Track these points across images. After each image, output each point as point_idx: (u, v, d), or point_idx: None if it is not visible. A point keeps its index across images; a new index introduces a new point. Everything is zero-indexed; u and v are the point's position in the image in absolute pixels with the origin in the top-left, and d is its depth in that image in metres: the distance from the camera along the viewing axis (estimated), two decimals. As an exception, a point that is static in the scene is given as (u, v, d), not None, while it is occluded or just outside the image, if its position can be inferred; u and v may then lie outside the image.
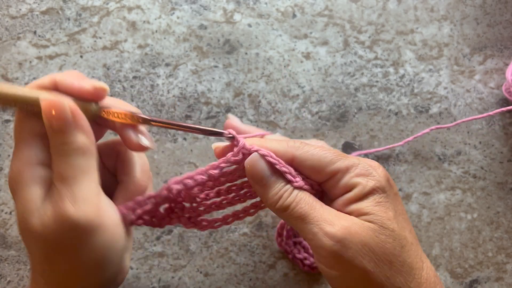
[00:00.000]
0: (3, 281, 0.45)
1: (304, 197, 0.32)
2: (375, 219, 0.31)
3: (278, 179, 0.32)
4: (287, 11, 0.50)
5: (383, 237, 0.31)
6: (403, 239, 0.32)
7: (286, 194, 0.32)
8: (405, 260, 0.31)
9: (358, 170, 0.32)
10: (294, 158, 0.33)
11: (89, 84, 0.31)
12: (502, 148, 0.48)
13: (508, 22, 0.50)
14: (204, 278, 0.45)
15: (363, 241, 0.30)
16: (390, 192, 0.33)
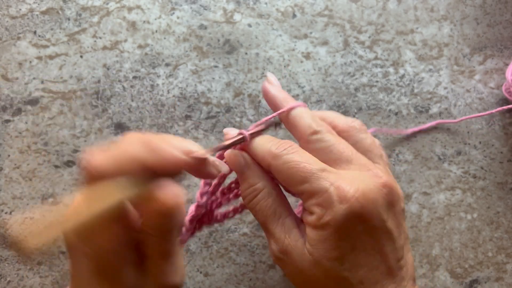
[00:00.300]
0: (3, 281, 0.45)
1: (263, 207, 0.32)
2: (316, 254, 0.30)
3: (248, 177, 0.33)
4: (287, 11, 0.50)
5: (317, 273, 0.30)
6: (344, 280, 0.30)
7: (249, 197, 0.33)
8: None
9: (320, 200, 0.30)
10: (269, 167, 0.32)
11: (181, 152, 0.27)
12: (502, 148, 0.48)
13: (508, 22, 0.50)
14: (204, 278, 0.45)
15: (299, 269, 0.31)
16: (351, 230, 0.30)
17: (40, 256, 0.45)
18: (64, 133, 0.46)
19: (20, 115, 0.47)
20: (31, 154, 0.46)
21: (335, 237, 0.30)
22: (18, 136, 0.47)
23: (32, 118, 0.47)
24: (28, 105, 0.47)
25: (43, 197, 0.46)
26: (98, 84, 0.47)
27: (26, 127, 0.47)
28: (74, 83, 0.47)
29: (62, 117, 0.47)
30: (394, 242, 0.31)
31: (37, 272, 0.45)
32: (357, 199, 0.29)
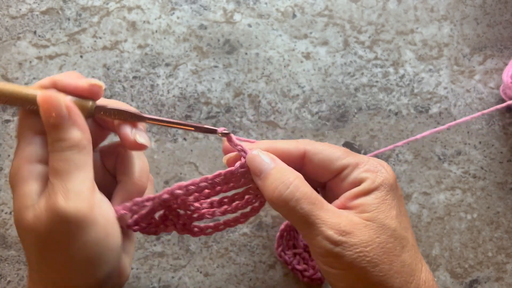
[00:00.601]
0: (3, 281, 0.45)
1: (304, 194, 0.31)
2: (378, 217, 0.31)
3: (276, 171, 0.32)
4: (287, 11, 0.50)
5: (384, 237, 0.31)
6: (404, 239, 0.32)
7: (282, 187, 0.31)
8: (405, 260, 0.31)
9: (367, 166, 0.33)
10: (305, 152, 0.34)
11: (85, 82, 0.32)
12: (502, 148, 0.48)
13: (508, 22, 0.50)
14: (204, 278, 0.45)
15: (364, 242, 0.30)
16: (396, 192, 0.33)
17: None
18: (64, 133, 0.46)
19: (20, 115, 0.47)
20: (31, 154, 0.46)
21: (391, 196, 0.32)
22: (18, 136, 0.47)
23: (32, 118, 0.47)
24: (28, 105, 0.47)
25: (43, 197, 0.46)
26: (98, 84, 0.47)
27: None
28: (74, 83, 0.47)
29: (62, 117, 0.47)
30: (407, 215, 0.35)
31: (37, 272, 0.45)
32: (388, 167, 0.34)
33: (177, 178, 0.46)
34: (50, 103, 0.30)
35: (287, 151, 0.34)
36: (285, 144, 0.34)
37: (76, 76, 0.33)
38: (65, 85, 0.32)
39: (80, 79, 0.33)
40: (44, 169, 0.31)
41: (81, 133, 0.31)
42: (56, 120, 0.30)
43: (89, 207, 0.30)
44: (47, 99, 0.30)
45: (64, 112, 0.31)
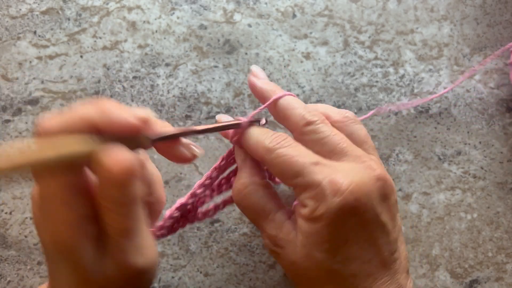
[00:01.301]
0: (3, 281, 0.45)
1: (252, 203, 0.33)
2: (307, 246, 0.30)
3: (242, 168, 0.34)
4: (287, 11, 0.50)
5: (307, 264, 0.30)
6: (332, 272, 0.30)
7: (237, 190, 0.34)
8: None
9: (314, 193, 0.29)
10: (263, 161, 0.32)
11: (133, 116, 0.26)
12: (502, 148, 0.48)
13: (508, 22, 0.50)
14: (204, 278, 0.45)
15: (292, 261, 0.31)
16: (344, 223, 0.29)
17: (40, 256, 0.45)
18: (64, 133, 0.47)
19: (20, 115, 0.47)
20: (31, 154, 0.46)
21: (328, 230, 0.29)
22: (18, 136, 0.47)
23: (32, 118, 0.47)
24: (28, 105, 0.47)
25: (43, 197, 0.46)
26: (98, 84, 0.47)
27: (26, 127, 0.47)
28: (74, 83, 0.47)
29: (62, 117, 0.47)
30: (388, 235, 0.31)
31: (37, 272, 0.45)
32: (351, 192, 0.29)
33: (177, 178, 0.46)
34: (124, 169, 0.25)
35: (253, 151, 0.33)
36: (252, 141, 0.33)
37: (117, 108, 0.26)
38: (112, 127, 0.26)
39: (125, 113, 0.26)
40: (92, 225, 0.28)
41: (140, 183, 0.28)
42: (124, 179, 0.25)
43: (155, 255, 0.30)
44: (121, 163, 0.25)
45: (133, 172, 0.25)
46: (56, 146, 0.24)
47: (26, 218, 0.45)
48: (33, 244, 0.45)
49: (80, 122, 0.25)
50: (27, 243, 0.45)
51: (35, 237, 0.45)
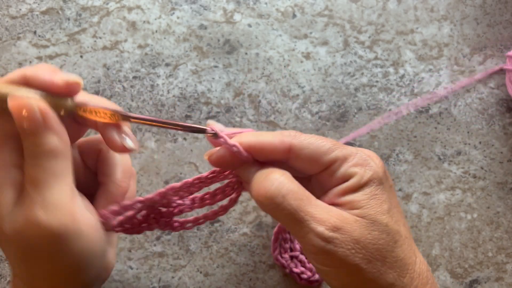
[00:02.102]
0: (3, 281, 0.45)
1: (291, 188, 0.30)
2: (369, 213, 0.30)
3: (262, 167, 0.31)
4: (287, 11, 0.50)
5: (376, 233, 0.30)
6: (397, 233, 0.31)
7: (268, 184, 0.30)
8: (398, 255, 0.30)
9: (356, 160, 0.31)
10: (291, 147, 0.31)
11: (61, 78, 0.29)
12: (502, 148, 0.48)
13: (508, 22, 0.50)
14: (204, 278, 0.45)
15: (355, 239, 0.29)
16: (386, 184, 0.32)
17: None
18: (64, 133, 0.47)
19: (20, 115, 0.47)
20: (31, 154, 0.46)
21: (381, 190, 0.31)
22: (18, 136, 0.47)
23: (32, 118, 0.47)
24: (28, 105, 0.47)
25: (43, 197, 0.46)
26: (98, 84, 0.47)
27: (26, 127, 0.47)
28: (74, 83, 0.47)
29: (62, 117, 0.47)
30: (399, 206, 0.34)
31: (37, 272, 0.45)
32: (379, 159, 0.32)
33: (177, 178, 0.46)
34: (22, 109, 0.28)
35: (271, 145, 0.32)
36: (269, 137, 0.32)
37: (49, 70, 0.30)
38: (38, 82, 0.29)
39: (55, 74, 0.30)
40: (19, 174, 0.29)
41: (57, 138, 0.29)
42: (29, 126, 0.28)
43: (71, 219, 0.28)
44: (18, 105, 0.28)
45: (38, 118, 0.28)
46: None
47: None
48: None
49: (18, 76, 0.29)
50: (27, 243, 0.45)
51: (35, 237, 0.45)
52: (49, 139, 0.29)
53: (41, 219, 0.27)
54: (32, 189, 0.28)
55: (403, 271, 0.30)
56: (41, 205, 0.28)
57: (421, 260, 0.32)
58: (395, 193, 0.33)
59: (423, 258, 0.33)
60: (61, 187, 0.29)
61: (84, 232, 0.29)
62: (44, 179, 0.28)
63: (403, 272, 0.30)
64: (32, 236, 0.28)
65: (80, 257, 0.29)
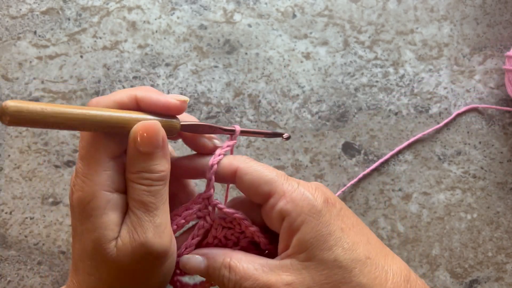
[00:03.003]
0: (3, 281, 0.45)
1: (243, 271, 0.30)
2: (314, 254, 0.30)
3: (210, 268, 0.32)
4: (287, 11, 0.50)
5: (326, 272, 0.29)
6: (351, 262, 0.30)
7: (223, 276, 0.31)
8: (360, 282, 0.30)
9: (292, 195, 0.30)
10: (237, 170, 0.32)
11: (173, 98, 0.30)
12: (502, 148, 0.49)
13: (508, 22, 0.50)
14: (204, 278, 0.45)
15: (310, 286, 0.29)
16: (331, 212, 0.31)
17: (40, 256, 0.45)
18: (64, 133, 0.47)
19: (20, 115, 0.47)
20: (31, 154, 0.46)
21: (324, 222, 0.30)
22: (18, 136, 0.47)
23: (32, 118, 0.47)
24: (28, 105, 0.47)
25: (43, 197, 0.46)
26: (98, 84, 0.48)
27: (27, 127, 0.47)
28: (74, 83, 0.47)
29: (62, 117, 0.47)
30: (360, 224, 0.33)
31: (37, 272, 0.45)
32: (320, 190, 0.31)
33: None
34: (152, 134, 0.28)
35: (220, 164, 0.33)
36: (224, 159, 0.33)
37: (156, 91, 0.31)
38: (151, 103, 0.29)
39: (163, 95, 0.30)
40: (121, 199, 0.30)
41: (168, 165, 0.30)
42: (150, 150, 0.29)
43: (171, 241, 0.30)
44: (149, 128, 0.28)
45: (160, 143, 0.29)
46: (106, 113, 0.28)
47: (26, 218, 0.45)
48: (33, 244, 0.45)
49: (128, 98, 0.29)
50: (27, 243, 0.45)
51: (35, 237, 0.45)
52: (164, 165, 0.29)
53: (150, 241, 0.28)
54: (142, 214, 0.29)
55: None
56: (152, 229, 0.29)
57: (394, 272, 0.31)
58: (348, 213, 0.32)
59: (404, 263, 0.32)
60: (166, 212, 0.30)
61: (173, 253, 0.31)
62: (155, 204, 0.29)
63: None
64: (137, 256, 0.29)
65: (167, 276, 0.31)
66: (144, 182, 0.29)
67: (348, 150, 0.48)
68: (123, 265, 0.29)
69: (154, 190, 0.29)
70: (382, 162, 0.47)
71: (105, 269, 0.30)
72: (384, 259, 0.31)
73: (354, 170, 0.47)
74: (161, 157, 0.29)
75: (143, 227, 0.29)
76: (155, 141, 0.29)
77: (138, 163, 0.29)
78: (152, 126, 0.28)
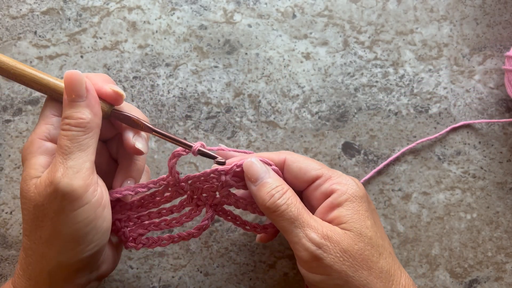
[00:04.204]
0: (3, 281, 0.45)
1: (294, 202, 0.35)
2: (354, 227, 0.34)
3: (273, 180, 0.36)
4: (287, 12, 0.50)
5: (361, 245, 0.33)
6: (381, 247, 0.34)
7: (277, 195, 0.35)
8: (383, 267, 0.33)
9: (339, 179, 0.36)
10: (285, 160, 0.37)
11: (109, 87, 0.35)
12: (502, 148, 0.49)
13: (507, 22, 0.50)
14: (204, 278, 0.45)
15: (343, 248, 0.33)
16: (369, 205, 0.36)
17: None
18: (65, 133, 0.47)
19: (20, 115, 0.47)
20: (32, 154, 0.46)
21: (363, 207, 0.35)
22: (19, 136, 0.47)
23: (33, 118, 0.47)
24: (29, 105, 0.47)
25: (44, 197, 0.46)
26: (99, 84, 0.48)
27: (27, 127, 0.47)
28: (75, 83, 0.47)
29: (62, 117, 0.47)
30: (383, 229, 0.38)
31: (38, 271, 0.45)
32: (358, 183, 0.37)
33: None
34: (73, 80, 0.32)
35: (270, 158, 0.37)
36: (268, 153, 0.38)
37: (104, 79, 0.35)
38: (92, 84, 0.34)
39: (107, 83, 0.35)
40: (54, 147, 0.33)
41: (91, 116, 0.33)
42: (73, 98, 0.32)
43: (83, 186, 0.31)
44: (72, 76, 0.32)
45: (83, 92, 0.32)
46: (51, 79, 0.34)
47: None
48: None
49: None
50: (28, 243, 0.45)
51: (35, 237, 0.45)
52: (84, 113, 0.32)
53: (58, 179, 0.30)
54: (58, 156, 0.32)
55: (389, 282, 0.33)
56: (62, 169, 0.31)
57: (407, 276, 0.35)
58: (378, 216, 0.37)
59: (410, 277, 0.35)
60: (83, 158, 0.32)
61: (92, 203, 0.32)
62: (70, 148, 0.32)
63: (389, 283, 0.33)
64: (47, 194, 0.31)
65: (83, 226, 0.32)
66: (64, 127, 0.32)
67: (348, 150, 0.48)
68: (37, 202, 0.31)
69: (71, 135, 0.32)
70: (382, 162, 0.47)
71: (26, 206, 0.32)
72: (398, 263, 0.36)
73: (354, 170, 0.47)
74: (83, 106, 0.32)
75: (55, 167, 0.31)
76: (77, 89, 0.32)
77: (65, 109, 0.33)
78: (75, 74, 0.32)
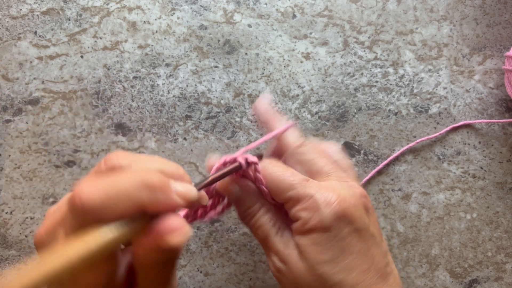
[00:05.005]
0: (3, 281, 0.45)
1: (263, 223, 0.33)
2: (307, 260, 0.31)
3: (249, 199, 0.34)
4: (287, 12, 0.50)
5: (310, 279, 0.31)
6: (335, 285, 0.31)
7: (248, 218, 0.34)
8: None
9: (306, 204, 0.31)
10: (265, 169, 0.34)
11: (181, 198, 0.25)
12: (502, 148, 0.49)
13: (507, 22, 0.51)
14: (204, 278, 0.45)
15: (294, 278, 0.31)
16: (338, 232, 0.31)
17: (40, 256, 0.45)
18: (65, 133, 0.47)
19: (20, 115, 0.47)
20: (32, 154, 0.46)
21: (324, 239, 0.31)
22: (19, 136, 0.47)
23: (33, 118, 0.47)
24: (29, 105, 0.47)
25: (44, 197, 0.46)
26: (99, 84, 0.48)
27: (27, 127, 0.47)
28: (75, 83, 0.47)
29: (62, 117, 0.47)
30: (379, 246, 0.33)
31: (38, 271, 0.45)
32: (339, 202, 0.31)
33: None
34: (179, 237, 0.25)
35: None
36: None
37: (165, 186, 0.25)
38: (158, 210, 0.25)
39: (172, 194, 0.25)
40: None
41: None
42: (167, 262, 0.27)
43: None
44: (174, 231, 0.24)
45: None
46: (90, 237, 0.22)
47: (27, 218, 0.46)
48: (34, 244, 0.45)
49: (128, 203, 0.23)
50: (28, 243, 0.45)
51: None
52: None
53: None
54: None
55: None
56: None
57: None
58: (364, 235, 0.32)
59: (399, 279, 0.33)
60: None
61: None
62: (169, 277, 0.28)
63: None
64: None
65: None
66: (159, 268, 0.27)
67: (348, 150, 0.48)
68: None
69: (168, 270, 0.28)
70: (382, 162, 0.47)
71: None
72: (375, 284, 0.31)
73: (354, 170, 0.47)
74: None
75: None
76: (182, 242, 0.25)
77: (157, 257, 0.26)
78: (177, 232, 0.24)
